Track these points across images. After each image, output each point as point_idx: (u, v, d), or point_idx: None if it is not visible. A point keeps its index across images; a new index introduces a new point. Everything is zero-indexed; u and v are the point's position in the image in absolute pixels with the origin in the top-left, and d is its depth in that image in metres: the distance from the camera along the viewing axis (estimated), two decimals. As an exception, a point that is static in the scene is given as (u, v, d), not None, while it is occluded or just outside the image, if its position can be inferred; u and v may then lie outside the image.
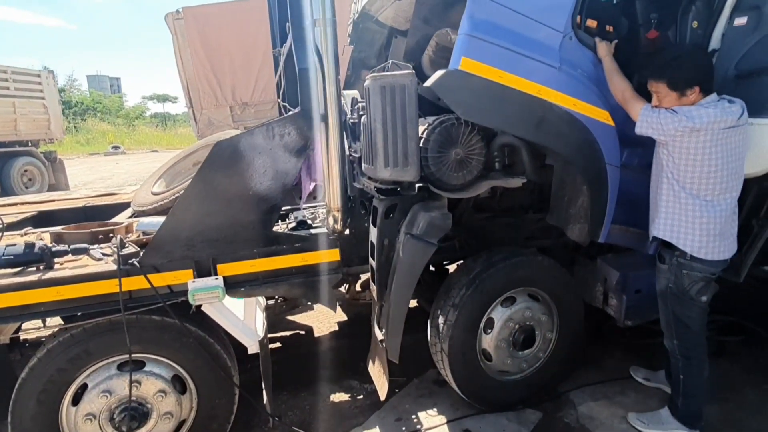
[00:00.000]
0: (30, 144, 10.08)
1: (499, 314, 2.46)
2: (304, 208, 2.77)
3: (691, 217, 1.99)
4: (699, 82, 1.99)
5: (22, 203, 3.58)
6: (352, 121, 2.75)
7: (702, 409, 2.24)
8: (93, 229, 2.20)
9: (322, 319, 3.82)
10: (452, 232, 2.77)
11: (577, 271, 2.95)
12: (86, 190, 8.65)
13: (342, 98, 3.30)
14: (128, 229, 2.29)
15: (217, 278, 1.89)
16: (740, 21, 2.36)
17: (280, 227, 2.73)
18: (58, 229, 2.28)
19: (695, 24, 2.55)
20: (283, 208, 3.08)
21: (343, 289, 3.19)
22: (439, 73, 2.05)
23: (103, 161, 20.55)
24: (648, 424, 2.29)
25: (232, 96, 7.13)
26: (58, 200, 3.62)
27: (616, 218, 2.46)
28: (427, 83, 2.07)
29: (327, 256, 2.09)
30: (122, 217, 2.83)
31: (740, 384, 2.65)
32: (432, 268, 3.25)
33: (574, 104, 2.20)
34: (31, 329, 2.34)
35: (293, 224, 2.64)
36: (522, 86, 2.11)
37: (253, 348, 2.02)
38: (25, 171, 9.80)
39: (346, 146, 2.81)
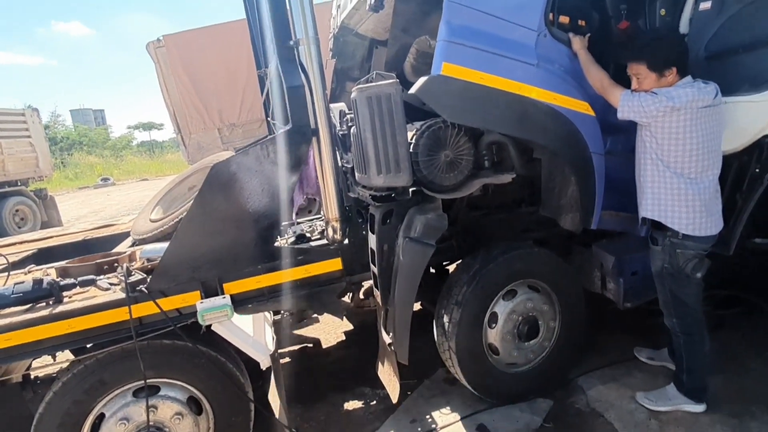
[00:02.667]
0: (19, 183, 10.03)
1: (501, 308, 2.52)
2: (298, 223, 2.82)
3: (677, 196, 2.07)
4: (676, 63, 2.08)
5: (21, 242, 3.59)
6: (341, 133, 2.81)
7: (706, 381, 2.30)
8: (97, 261, 2.23)
9: (329, 331, 3.85)
10: (449, 232, 2.84)
11: (574, 259, 3.02)
12: (81, 224, 8.64)
13: (330, 111, 3.39)
14: (132, 258, 2.32)
15: (224, 297, 1.93)
16: (705, 5, 2.46)
17: (279, 242, 2.79)
18: (62, 263, 2.31)
19: (663, 12, 2.65)
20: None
21: (347, 298, 3.23)
22: (423, 79, 2.12)
23: (93, 194, 20.46)
24: (656, 402, 2.35)
25: (219, 118, 7.17)
26: (56, 236, 3.64)
27: (605, 204, 2.53)
28: (412, 90, 2.14)
29: (329, 266, 2.14)
30: (123, 247, 2.86)
31: (741, 354, 2.72)
32: (432, 270, 3.30)
33: (555, 98, 2.28)
34: (41, 366, 2.36)
35: (292, 239, 2.69)
36: (503, 85, 2.18)
37: (265, 363, 2.05)
38: (17, 211, 9.75)
39: (338, 158, 2.89)
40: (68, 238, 3.46)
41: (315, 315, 4.12)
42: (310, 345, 3.67)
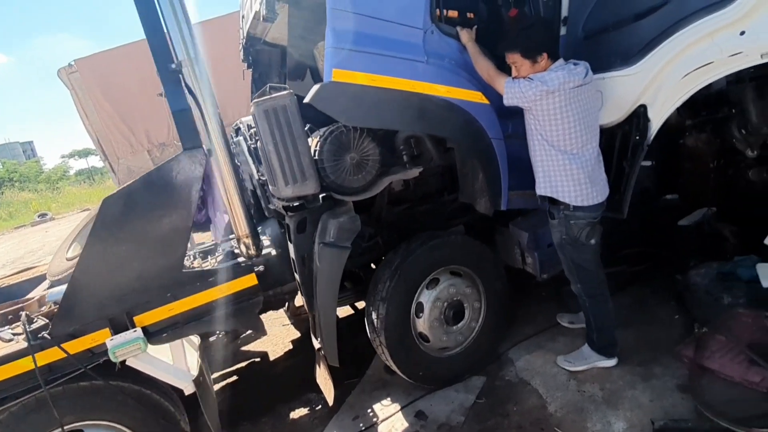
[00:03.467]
0: (-62, 232, 9.30)
1: (426, 297, 2.61)
2: (222, 242, 2.81)
3: (563, 171, 2.22)
4: (546, 48, 2.21)
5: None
6: (252, 146, 2.81)
7: (615, 337, 2.50)
8: (1, 311, 2.14)
9: (276, 342, 3.85)
10: (374, 231, 2.92)
11: (497, 239, 3.17)
12: (6, 270, 8.14)
13: (241, 125, 3.36)
14: (41, 302, 2.24)
15: (135, 330, 1.90)
16: (580, -13, 2.63)
17: (210, 262, 2.76)
18: (-38, 319, 2.19)
19: (545, -5, 2.81)
20: (211, 243, 3.11)
21: (284, 308, 3.23)
22: (315, 87, 2.15)
23: (30, 232, 19.17)
24: (574, 362, 2.53)
25: (147, 139, 6.93)
26: (-31, 287, 3.42)
27: (512, 185, 2.67)
28: (306, 99, 2.17)
29: (243, 283, 2.15)
30: (39, 291, 2.74)
31: (650, 306, 2.96)
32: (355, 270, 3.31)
33: (448, 91, 2.38)
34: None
35: (221, 257, 2.67)
36: (396, 85, 2.25)
37: (188, 389, 2.04)
38: (-61, 262, 9.04)
39: (255, 171, 2.89)
40: (-19, 287, 3.26)
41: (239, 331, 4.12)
42: (258, 359, 3.66)
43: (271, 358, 3.64)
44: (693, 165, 3.66)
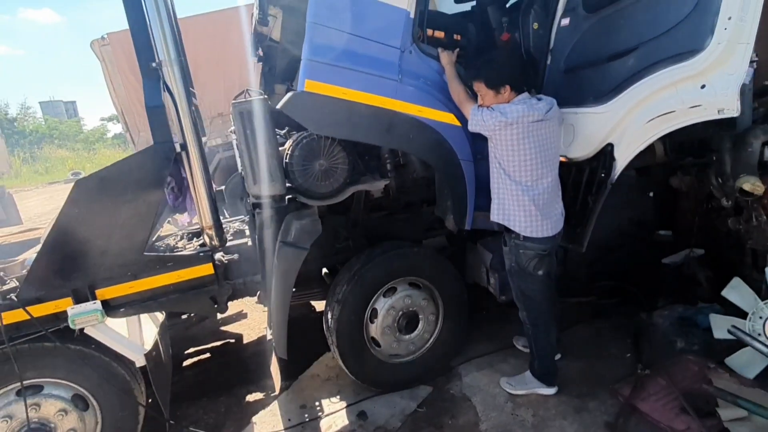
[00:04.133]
0: (-26, 181, 9.92)
1: (381, 304, 2.72)
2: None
3: (515, 200, 2.28)
4: (509, 81, 2.26)
5: (-57, 247, 3.67)
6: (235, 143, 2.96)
7: (555, 367, 2.55)
8: (-15, 269, 2.37)
9: (254, 326, 4.03)
10: (348, 234, 3.04)
11: (468, 255, 3.24)
12: (32, 223, 8.62)
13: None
14: (23, 265, 2.45)
15: (95, 303, 2.09)
16: (565, 22, 2.66)
17: (194, 244, 2.94)
18: (-48, 272, 2.43)
19: (536, 25, 2.85)
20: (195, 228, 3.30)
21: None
22: (287, 95, 2.28)
23: (62, 189, 20.07)
24: (515, 386, 2.60)
25: (168, 116, 7.21)
26: (-22, 241, 3.72)
27: (481, 206, 2.73)
28: (278, 105, 2.30)
29: (200, 271, 2.30)
30: (30, 253, 2.97)
31: (606, 340, 2.98)
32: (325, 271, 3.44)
33: (420, 111, 2.46)
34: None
35: (201, 241, 2.84)
36: (366, 99, 2.35)
37: (139, 361, 2.22)
38: (-28, 209, 9.65)
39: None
40: (-13, 242, 3.55)
41: (243, 311, 4.32)
42: (233, 340, 3.85)
43: (245, 340, 3.83)
44: (686, 204, 3.64)
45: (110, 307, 2.16)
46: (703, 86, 1.99)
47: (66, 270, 2.06)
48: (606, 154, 2.46)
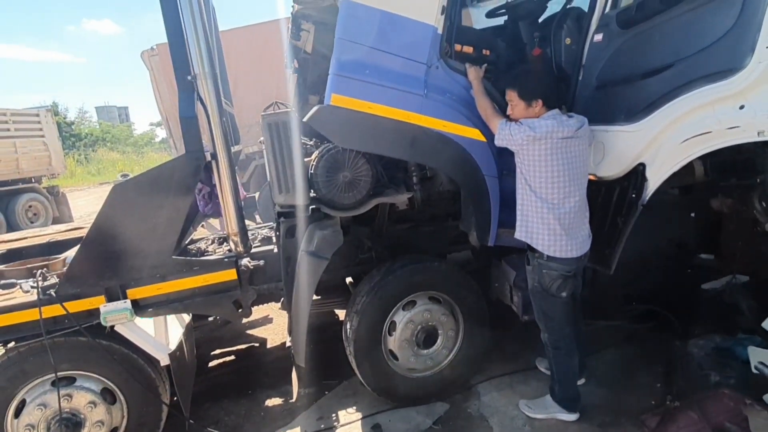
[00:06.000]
0: (33, 180, 10.65)
1: (400, 317, 2.71)
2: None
3: (540, 218, 2.23)
4: (542, 96, 2.24)
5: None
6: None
7: (577, 392, 2.46)
8: (30, 265, 2.53)
9: (278, 331, 4.11)
10: (372, 244, 3.06)
11: (492, 271, 3.19)
12: (81, 221, 9.10)
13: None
14: (64, 263, 2.61)
15: (125, 302, 2.20)
16: (598, 37, 2.60)
17: (223, 249, 3.05)
18: (2, 267, 2.62)
19: (568, 41, 2.81)
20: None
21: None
22: (314, 109, 2.34)
23: (111, 190, 21.22)
24: (534, 409, 2.52)
25: (208, 123, 7.53)
26: (30, 237, 3.98)
27: (506, 222, 2.69)
28: (305, 119, 2.36)
29: (224, 276, 2.38)
30: (73, 251, 3.16)
31: (636, 368, 2.85)
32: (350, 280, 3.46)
33: (444, 126, 2.46)
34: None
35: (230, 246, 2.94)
36: (391, 114, 2.38)
37: (164, 360, 2.31)
38: (30, 206, 10.35)
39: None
40: (37, 239, 3.80)
41: (269, 316, 4.42)
42: (257, 344, 3.94)
43: (268, 345, 3.90)
44: (730, 227, 3.44)
45: (139, 307, 2.27)
46: (741, 107, 1.89)
47: (101, 269, 2.19)
48: (638, 173, 2.37)
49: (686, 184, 2.88)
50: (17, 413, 2.28)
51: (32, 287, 2.25)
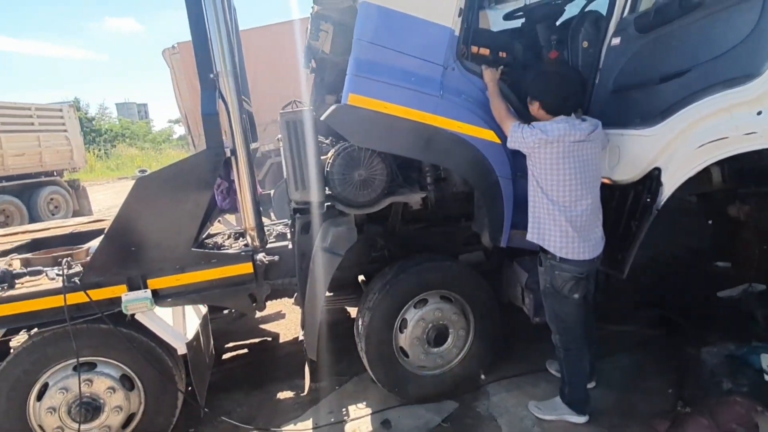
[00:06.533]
0: (55, 174, 10.93)
1: (411, 315, 2.75)
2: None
3: (552, 220, 2.25)
4: (539, 98, 2.28)
5: (24, 232, 4.09)
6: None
7: (587, 394, 2.46)
8: (56, 254, 2.63)
9: (291, 327, 4.17)
10: (385, 243, 3.10)
11: (504, 272, 3.21)
12: (100, 215, 9.31)
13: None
14: (86, 253, 2.71)
15: (146, 291, 2.27)
16: (615, 41, 2.60)
17: (239, 244, 3.12)
18: (29, 255, 2.73)
19: (586, 44, 2.81)
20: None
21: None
22: (331, 108, 2.39)
23: (130, 185, 21.53)
24: (543, 411, 2.53)
25: (226, 121, 7.65)
26: (53, 228, 4.12)
27: (517, 224, 2.71)
28: (322, 117, 2.41)
29: (240, 269, 2.44)
30: (95, 242, 3.27)
31: (647, 373, 2.83)
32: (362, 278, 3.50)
33: (459, 127, 2.49)
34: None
35: (246, 241, 3.01)
36: (407, 114, 2.41)
37: (181, 349, 2.38)
38: (51, 199, 10.62)
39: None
40: (61, 230, 3.92)
41: (282, 312, 4.49)
42: (269, 339, 4.00)
43: (281, 340, 3.97)
44: (747, 235, 3.40)
45: (159, 297, 2.35)
46: (759, 113, 1.88)
47: (123, 259, 2.27)
48: (652, 178, 2.37)
49: (704, 191, 2.87)
50: (39, 396, 2.37)
51: (57, 275, 2.34)
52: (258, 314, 4.23)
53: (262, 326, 4.24)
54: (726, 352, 2.73)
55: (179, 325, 2.45)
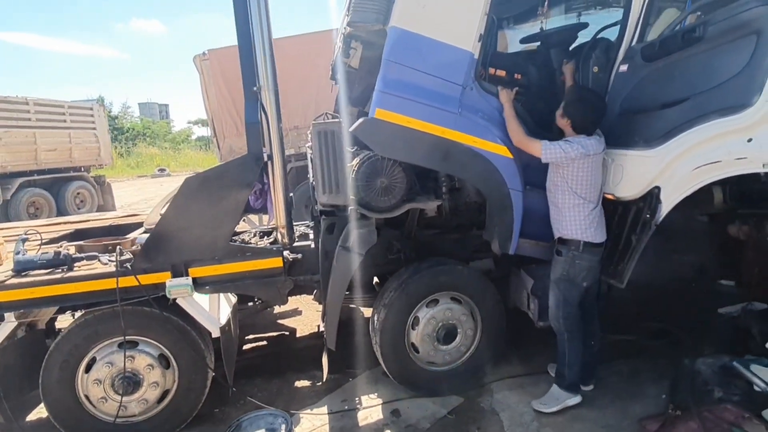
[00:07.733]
0: (82, 169, 11.41)
1: (423, 313, 2.96)
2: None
3: (584, 216, 2.59)
4: (572, 117, 2.59)
5: (66, 222, 4.42)
6: (311, 156, 3.37)
7: (580, 375, 2.74)
8: (106, 242, 2.91)
9: (307, 323, 4.41)
10: (401, 246, 3.33)
11: (511, 279, 3.41)
12: (124, 211, 9.72)
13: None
14: (132, 243, 2.98)
15: (187, 278, 2.53)
16: (623, 68, 2.82)
17: (264, 242, 3.37)
18: (82, 242, 3.02)
19: (596, 69, 3.03)
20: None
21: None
22: (359, 121, 2.64)
23: (149, 183, 22.23)
24: (547, 404, 2.74)
25: (250, 126, 7.98)
26: (93, 220, 4.44)
27: (528, 233, 2.93)
28: (350, 129, 2.66)
29: (271, 263, 2.69)
30: (136, 233, 3.55)
31: (643, 380, 3.00)
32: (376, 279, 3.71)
33: (475, 141, 2.72)
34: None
35: (271, 240, 3.26)
36: (427, 129, 2.65)
37: (215, 332, 2.63)
38: (78, 194, 11.09)
39: (311, 177, 3.46)
40: (100, 222, 4.23)
41: (299, 308, 4.73)
42: (287, 333, 4.25)
43: (298, 334, 4.20)
44: (751, 255, 3.56)
45: (198, 284, 2.60)
46: (749, 140, 2.08)
47: (169, 249, 2.53)
48: (653, 196, 2.57)
49: (708, 212, 3.06)
50: (88, 368, 2.63)
51: (110, 260, 2.61)
52: (276, 310, 4.51)
53: (280, 321, 4.48)
54: (720, 363, 2.88)
55: (214, 311, 2.70)
